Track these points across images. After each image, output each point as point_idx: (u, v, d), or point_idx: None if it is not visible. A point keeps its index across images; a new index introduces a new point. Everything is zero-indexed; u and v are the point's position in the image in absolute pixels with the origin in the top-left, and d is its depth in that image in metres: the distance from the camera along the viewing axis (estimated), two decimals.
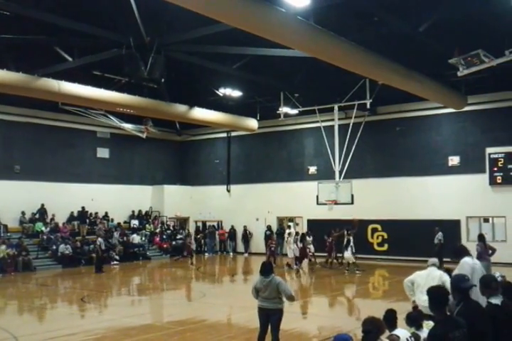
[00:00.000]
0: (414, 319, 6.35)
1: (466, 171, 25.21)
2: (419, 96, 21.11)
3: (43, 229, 26.95)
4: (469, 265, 8.61)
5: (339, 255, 23.51)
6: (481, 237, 16.89)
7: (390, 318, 6.09)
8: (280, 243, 29.19)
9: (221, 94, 25.05)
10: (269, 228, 30.65)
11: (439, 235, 23.33)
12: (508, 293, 6.10)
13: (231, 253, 32.36)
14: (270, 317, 8.93)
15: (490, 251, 16.38)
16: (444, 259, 17.95)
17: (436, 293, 5.30)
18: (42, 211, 27.89)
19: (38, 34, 17.68)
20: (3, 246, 24.11)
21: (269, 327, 9.01)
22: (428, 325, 6.02)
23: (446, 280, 8.34)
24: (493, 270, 15.13)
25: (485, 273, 8.22)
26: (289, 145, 31.27)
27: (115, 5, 16.03)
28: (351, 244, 21.84)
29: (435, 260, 9.58)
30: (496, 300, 5.76)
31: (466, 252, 9.01)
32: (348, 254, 21.86)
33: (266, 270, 8.99)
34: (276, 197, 30.70)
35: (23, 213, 26.99)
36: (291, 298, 9.00)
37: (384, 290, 19.68)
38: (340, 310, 15.63)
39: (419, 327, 6.26)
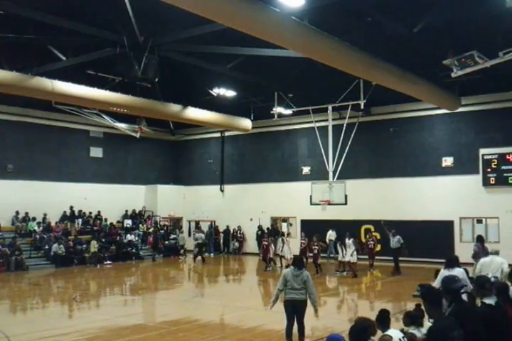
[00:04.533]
0: (415, 317, 6.30)
1: (459, 172, 25.27)
2: (413, 97, 21.15)
3: (36, 228, 26.86)
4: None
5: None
6: (480, 238, 16.98)
7: (383, 318, 6.05)
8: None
9: (215, 94, 25.03)
10: (260, 228, 30.54)
11: (399, 238, 21.37)
12: (501, 293, 6.13)
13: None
14: (296, 308, 9.65)
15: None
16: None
17: (428, 293, 5.30)
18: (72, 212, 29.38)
19: (32, 33, 17.58)
20: (94, 241, 25.40)
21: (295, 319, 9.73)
22: (428, 326, 5.98)
23: (505, 266, 10.23)
24: None
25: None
26: (283, 146, 31.27)
27: (109, 4, 16.00)
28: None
29: (496, 248, 10.91)
30: (490, 301, 5.79)
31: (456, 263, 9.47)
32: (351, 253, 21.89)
33: (298, 263, 9.88)
34: (270, 197, 30.69)
35: (16, 212, 26.89)
36: (312, 296, 9.73)
37: (377, 290, 19.67)
38: (333, 310, 15.61)
39: (420, 325, 6.20)
